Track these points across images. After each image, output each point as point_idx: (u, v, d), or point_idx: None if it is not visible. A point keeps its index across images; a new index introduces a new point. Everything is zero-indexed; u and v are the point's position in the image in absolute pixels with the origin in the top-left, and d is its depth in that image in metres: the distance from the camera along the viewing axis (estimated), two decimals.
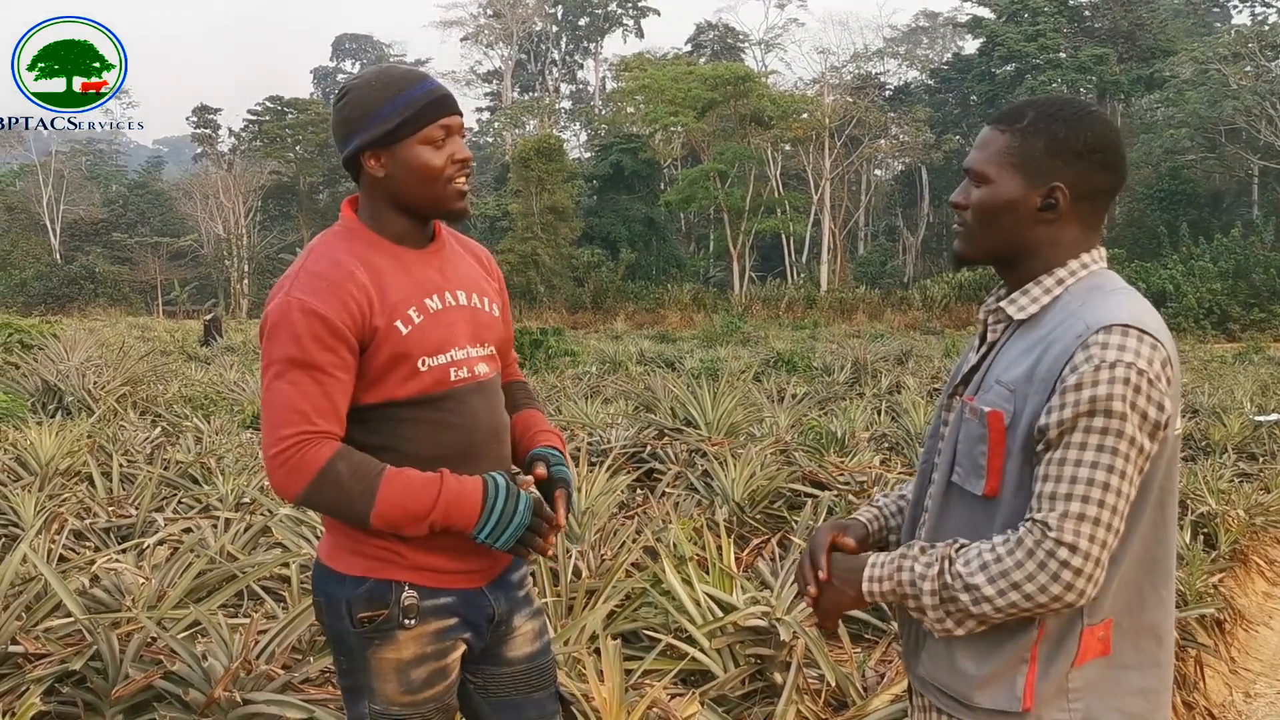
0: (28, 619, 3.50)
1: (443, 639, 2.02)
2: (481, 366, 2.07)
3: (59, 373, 10.22)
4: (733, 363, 16.13)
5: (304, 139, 58.30)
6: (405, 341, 1.94)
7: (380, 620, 1.97)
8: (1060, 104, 1.70)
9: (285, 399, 1.88)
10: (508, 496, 1.94)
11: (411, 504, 1.88)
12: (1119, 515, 1.53)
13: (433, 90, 1.97)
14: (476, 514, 1.92)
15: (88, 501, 5.46)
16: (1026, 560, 1.52)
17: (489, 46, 71.25)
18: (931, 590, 1.61)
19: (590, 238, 49.09)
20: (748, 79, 50.13)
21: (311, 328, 1.87)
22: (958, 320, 38.33)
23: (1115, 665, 1.63)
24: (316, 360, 1.88)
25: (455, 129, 2.00)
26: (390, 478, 1.88)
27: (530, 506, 1.96)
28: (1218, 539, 5.97)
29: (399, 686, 1.99)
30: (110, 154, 74.46)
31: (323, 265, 1.94)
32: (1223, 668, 4.73)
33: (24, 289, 50.92)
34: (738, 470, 5.84)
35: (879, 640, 4.06)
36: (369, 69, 2.16)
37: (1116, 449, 1.52)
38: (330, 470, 1.86)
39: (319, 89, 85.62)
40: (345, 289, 1.90)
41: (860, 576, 1.72)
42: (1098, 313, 1.59)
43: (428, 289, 2.01)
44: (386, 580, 1.97)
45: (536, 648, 2.19)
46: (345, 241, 2.00)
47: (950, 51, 67.75)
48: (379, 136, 1.94)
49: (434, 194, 1.98)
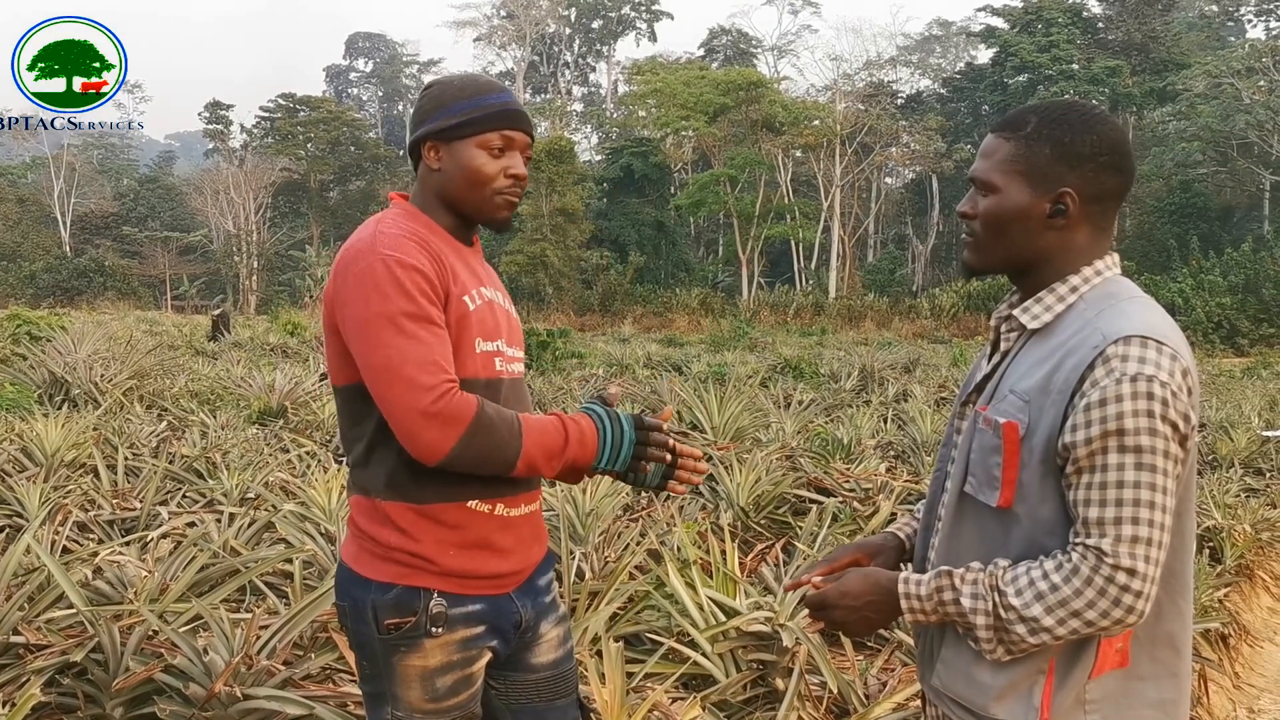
0: (30, 610, 3.50)
1: (469, 647, 1.98)
2: (517, 365, 2.10)
3: (66, 365, 10.24)
4: (740, 368, 16.11)
5: (315, 136, 58.52)
6: (470, 316, 1.95)
7: (407, 628, 1.93)
8: (1063, 108, 1.68)
9: (415, 352, 1.82)
10: (610, 420, 1.98)
11: (550, 443, 1.91)
12: (1167, 531, 1.52)
13: (506, 102, 2.02)
14: (596, 444, 1.95)
15: (92, 494, 5.46)
16: (1085, 588, 1.50)
17: (502, 48, 71.47)
18: (986, 624, 1.58)
19: (599, 240, 49.15)
20: (760, 85, 50.24)
21: (416, 281, 1.85)
22: (966, 329, 38.27)
23: (1133, 677, 1.61)
24: (428, 313, 1.86)
25: (519, 144, 2.03)
26: (526, 421, 1.90)
27: (630, 420, 2.00)
28: (1224, 554, 5.95)
29: (423, 694, 1.96)
30: (122, 148, 74.78)
31: (399, 229, 1.93)
32: (1227, 683, 4.70)
33: (33, 281, 51.12)
34: (743, 475, 5.82)
35: (881, 648, 4.04)
36: (462, 73, 2.21)
37: (1155, 466, 1.50)
38: (483, 415, 1.83)
39: (331, 87, 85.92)
40: (428, 248, 1.92)
41: (893, 594, 1.69)
42: (1115, 322, 1.57)
43: (475, 280, 2.03)
44: (415, 588, 1.94)
45: (560, 654, 2.16)
46: (409, 220, 2.00)
47: (963, 61, 67.85)
48: (441, 129, 1.99)
49: (479, 198, 2.01)
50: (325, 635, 3.53)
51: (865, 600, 1.73)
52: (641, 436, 1.99)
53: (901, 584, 1.68)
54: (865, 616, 1.74)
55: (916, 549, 1.89)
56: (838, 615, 1.76)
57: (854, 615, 1.74)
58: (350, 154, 59.61)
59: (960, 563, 1.66)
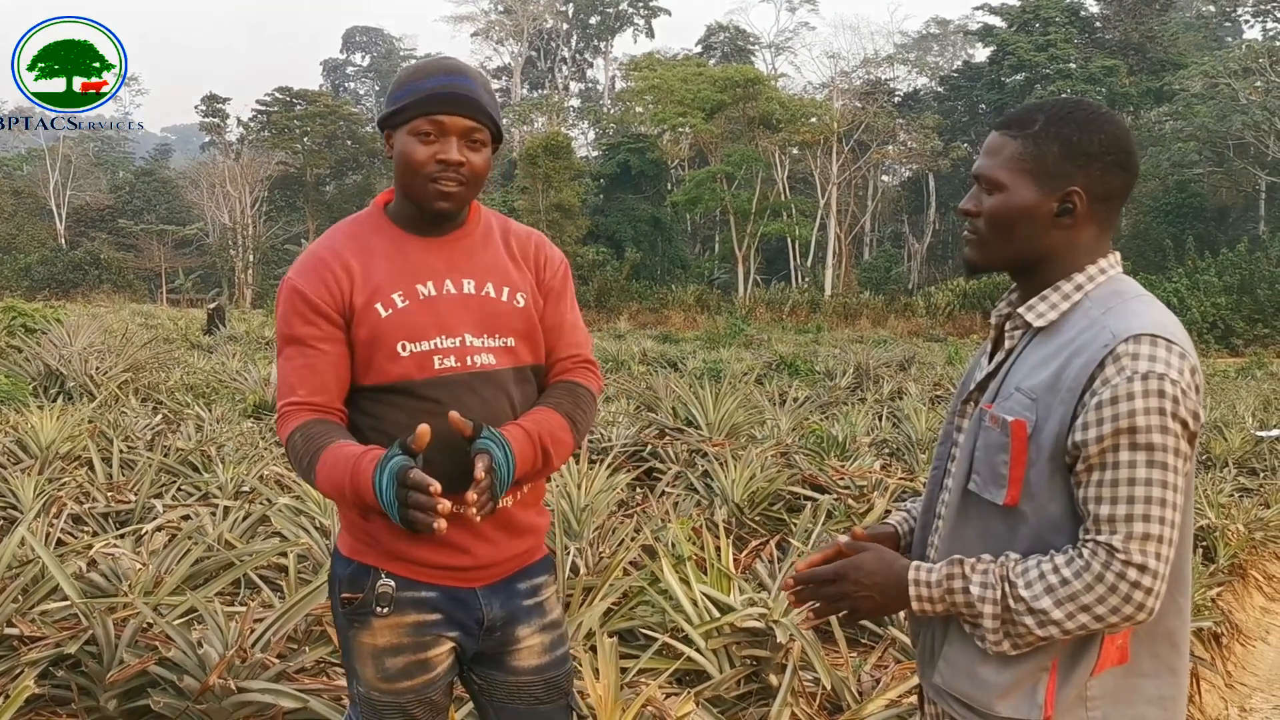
0: (24, 602, 3.50)
1: (423, 632, 2.01)
2: (485, 357, 2.01)
3: (61, 357, 10.23)
4: (735, 365, 16.13)
5: (312, 130, 58.34)
6: (383, 324, 1.96)
7: (357, 604, 2.00)
8: (1070, 106, 1.68)
9: (281, 373, 2.02)
10: (380, 469, 1.80)
11: (335, 478, 1.86)
12: (1176, 528, 1.53)
13: (441, 85, 1.94)
14: (370, 492, 1.81)
15: (87, 486, 5.46)
16: (1096, 584, 1.51)
17: (499, 43, 71.31)
18: (994, 614, 1.58)
19: (596, 236, 49.08)
20: (757, 82, 50.17)
21: (293, 303, 1.98)
22: (961, 328, 38.30)
23: (1133, 673, 1.62)
24: (299, 334, 1.98)
25: (452, 129, 1.95)
26: (328, 452, 1.89)
27: (393, 475, 1.77)
28: (1217, 553, 5.97)
29: (375, 672, 2.02)
30: (118, 140, 74.41)
31: (318, 246, 2.04)
32: (1219, 682, 4.72)
33: (28, 273, 50.95)
34: (738, 471, 5.83)
35: (875, 644, 4.05)
36: (431, 58, 2.17)
37: (1166, 464, 1.51)
38: (290, 441, 1.95)
39: (328, 81, 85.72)
40: (327, 266, 1.99)
41: (903, 579, 1.69)
42: (1123, 321, 1.57)
43: (422, 275, 2.01)
44: (366, 565, 2.00)
45: (546, 661, 2.14)
46: (353, 225, 2.09)
47: (960, 59, 67.72)
48: (385, 117, 2.02)
49: (415, 186, 1.98)
50: (320, 629, 3.53)
51: (876, 580, 1.72)
52: (400, 495, 1.77)
53: (913, 570, 1.69)
54: (871, 596, 1.73)
55: (914, 547, 1.89)
56: (847, 588, 1.74)
57: (862, 591, 1.73)
58: (347, 148, 59.46)
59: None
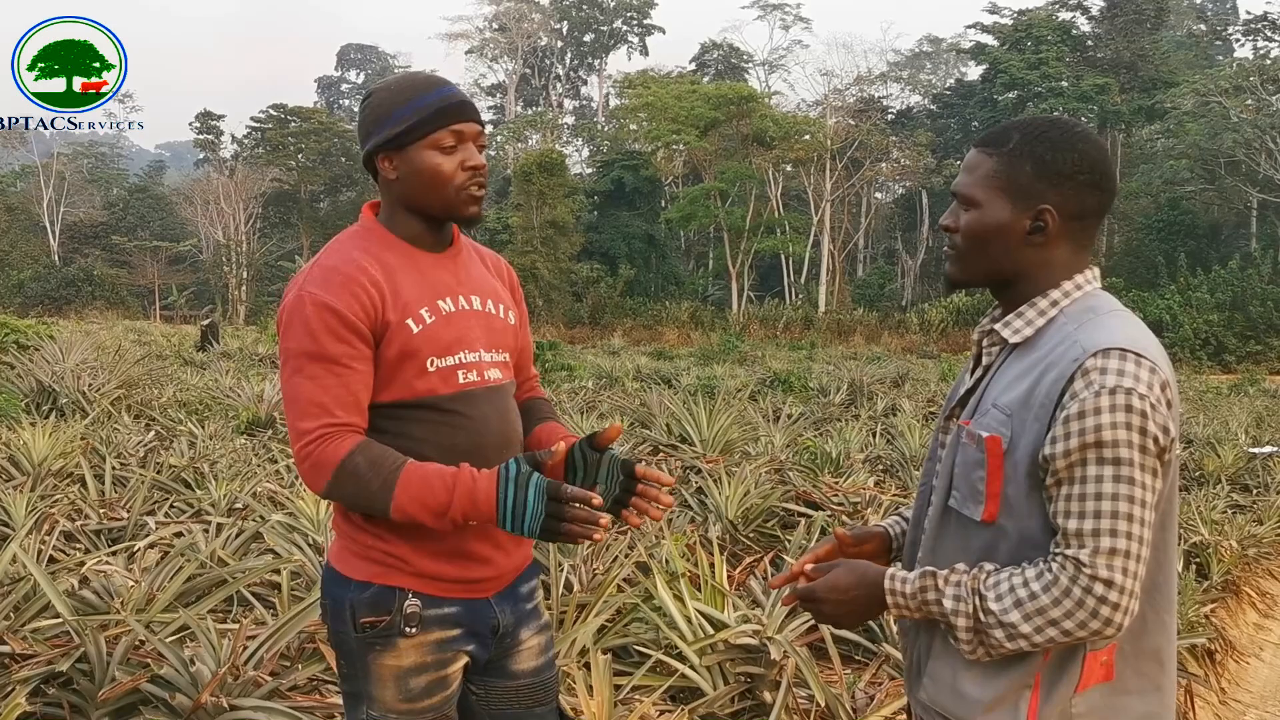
0: (16, 619, 3.49)
1: (444, 649, 2.00)
2: (494, 372, 2.06)
3: (54, 374, 10.21)
4: (729, 381, 16.13)
5: (306, 147, 58.40)
6: (415, 339, 1.95)
7: (382, 626, 1.96)
8: (1045, 125, 1.69)
9: (306, 393, 1.90)
10: (515, 484, 1.83)
11: (429, 498, 1.84)
12: (1146, 544, 1.53)
13: (447, 96, 1.98)
14: (490, 507, 1.84)
15: (79, 503, 5.45)
16: (1064, 598, 1.51)
17: (494, 60, 71.59)
18: (966, 626, 1.59)
19: (590, 253, 49.15)
20: (751, 99, 50.38)
21: (324, 320, 1.89)
22: (955, 344, 38.35)
23: (1118, 691, 1.62)
24: (331, 352, 1.89)
25: (469, 136, 1.99)
26: (409, 471, 1.86)
27: (542, 490, 1.82)
28: (1210, 569, 5.97)
29: (397, 694, 1.98)
30: (112, 157, 74.46)
31: (336, 260, 1.96)
32: (1213, 698, 4.72)
33: (21, 290, 50.83)
34: (732, 488, 5.83)
35: (869, 661, 4.05)
36: (395, 75, 2.17)
37: (1133, 478, 1.51)
38: (349, 464, 1.86)
39: (323, 98, 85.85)
40: (357, 281, 1.92)
41: (879, 588, 1.70)
42: (1094, 336, 1.58)
43: (441, 290, 2.02)
44: (391, 587, 1.97)
45: (541, 662, 2.17)
46: (360, 240, 2.02)
47: (953, 77, 68.11)
48: (390, 139, 1.97)
49: (443, 198, 1.99)
50: (312, 646, 3.52)
51: (852, 594, 1.74)
52: (554, 509, 1.81)
53: (888, 580, 1.70)
54: (852, 610, 1.75)
55: (905, 560, 1.90)
56: (826, 609, 1.77)
57: (841, 609, 1.75)
58: (341, 165, 59.47)
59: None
